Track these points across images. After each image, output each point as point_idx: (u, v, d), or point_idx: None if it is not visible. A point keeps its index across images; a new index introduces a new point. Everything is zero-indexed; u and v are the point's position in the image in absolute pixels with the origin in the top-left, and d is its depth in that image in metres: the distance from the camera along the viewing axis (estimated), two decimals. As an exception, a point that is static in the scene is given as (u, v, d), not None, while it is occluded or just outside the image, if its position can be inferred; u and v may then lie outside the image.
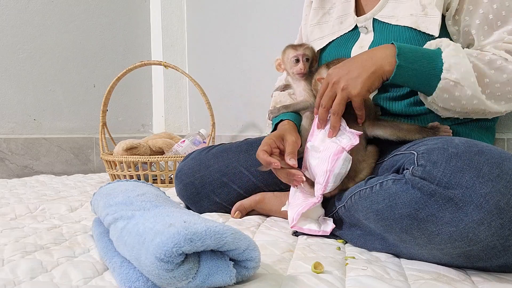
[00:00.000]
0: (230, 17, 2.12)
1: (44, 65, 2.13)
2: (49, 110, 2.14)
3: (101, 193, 0.81)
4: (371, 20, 0.96)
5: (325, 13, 1.08)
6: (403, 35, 0.89)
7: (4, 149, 2.00)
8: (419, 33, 0.87)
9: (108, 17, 2.32)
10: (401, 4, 0.91)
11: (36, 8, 2.11)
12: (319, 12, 1.08)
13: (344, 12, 1.02)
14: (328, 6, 1.08)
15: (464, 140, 0.67)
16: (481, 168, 0.61)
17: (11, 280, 0.61)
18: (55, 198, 1.34)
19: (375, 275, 0.62)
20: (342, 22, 1.02)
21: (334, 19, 1.04)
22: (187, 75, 1.78)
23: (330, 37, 1.03)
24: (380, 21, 0.94)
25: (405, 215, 0.66)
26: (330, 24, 1.05)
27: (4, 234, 0.87)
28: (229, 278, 0.55)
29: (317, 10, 1.09)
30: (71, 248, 0.77)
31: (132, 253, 0.56)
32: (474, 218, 0.59)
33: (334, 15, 1.05)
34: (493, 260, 0.62)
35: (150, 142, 1.81)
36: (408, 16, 0.88)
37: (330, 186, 0.81)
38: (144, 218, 0.60)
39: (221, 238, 0.53)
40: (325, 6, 1.09)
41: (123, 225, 0.63)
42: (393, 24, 0.91)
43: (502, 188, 0.59)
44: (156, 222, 0.57)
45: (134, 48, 2.42)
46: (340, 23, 1.02)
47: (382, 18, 0.94)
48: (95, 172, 2.18)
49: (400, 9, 0.91)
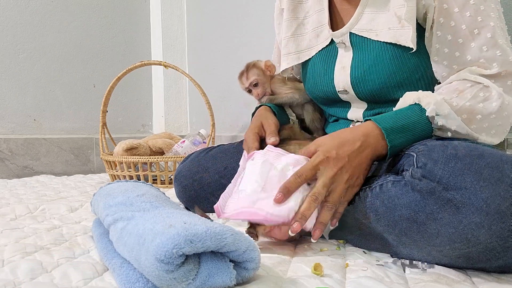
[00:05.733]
0: (230, 17, 2.12)
1: (44, 65, 2.13)
2: (49, 110, 2.14)
3: (101, 194, 0.81)
4: (347, 34, 0.90)
5: (299, 24, 1.01)
6: (385, 53, 0.85)
7: (4, 149, 2.00)
8: (401, 47, 0.83)
9: (108, 17, 2.32)
10: (377, 16, 0.86)
11: (36, 8, 2.11)
12: (293, 24, 1.01)
13: (319, 24, 0.97)
14: (302, 16, 1.01)
15: (464, 143, 0.67)
16: (481, 171, 0.60)
17: (11, 281, 0.61)
18: (55, 199, 1.34)
19: (375, 276, 0.62)
20: (318, 35, 0.97)
21: (309, 31, 0.99)
22: (187, 75, 1.78)
23: (308, 53, 0.99)
24: (358, 35, 0.89)
25: (404, 217, 0.66)
26: (306, 37, 1.00)
27: (4, 234, 0.87)
28: (229, 279, 0.55)
29: (290, 21, 1.02)
30: (71, 249, 0.77)
31: (132, 254, 0.56)
32: (473, 221, 0.59)
33: (309, 27, 0.99)
34: (493, 261, 0.62)
35: (150, 142, 1.81)
36: (387, 30, 0.84)
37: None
38: (144, 219, 0.60)
39: (221, 239, 0.53)
40: (298, 16, 1.02)
41: (122, 226, 0.63)
42: (373, 40, 0.86)
43: (503, 192, 0.59)
44: (156, 223, 0.57)
45: (134, 48, 2.42)
46: (316, 36, 0.97)
47: (359, 32, 0.88)
48: (95, 173, 2.18)
49: (377, 21, 0.86)
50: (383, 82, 0.86)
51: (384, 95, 0.88)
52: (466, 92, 0.76)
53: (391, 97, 0.87)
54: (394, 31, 0.82)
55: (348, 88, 0.92)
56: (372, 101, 0.91)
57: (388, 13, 0.84)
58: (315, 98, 1.04)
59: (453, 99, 0.75)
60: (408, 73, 0.84)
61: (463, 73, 0.79)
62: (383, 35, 0.84)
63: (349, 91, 0.92)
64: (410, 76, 0.84)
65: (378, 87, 0.87)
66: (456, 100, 0.75)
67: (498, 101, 0.75)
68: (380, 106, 0.91)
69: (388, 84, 0.86)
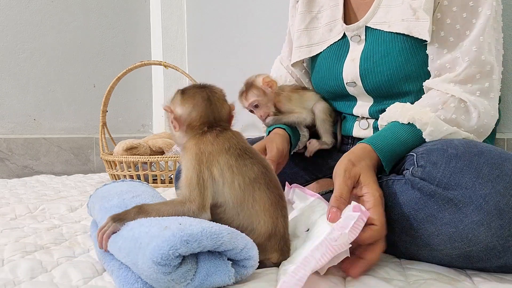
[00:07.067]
0: (230, 17, 2.12)
1: (44, 65, 2.13)
2: (49, 110, 2.14)
3: (96, 196, 0.81)
4: (363, 28, 0.90)
5: (313, 18, 1.01)
6: (395, 44, 0.85)
7: (4, 149, 2.00)
8: (411, 39, 0.83)
9: (108, 17, 2.32)
10: (392, 8, 0.86)
11: (36, 8, 2.11)
12: (307, 17, 1.02)
13: (333, 18, 0.97)
14: (316, 10, 1.02)
15: (464, 141, 0.67)
16: (481, 169, 0.61)
17: (11, 280, 0.61)
18: (55, 198, 1.34)
19: (376, 274, 0.62)
20: (331, 29, 0.97)
21: (323, 25, 0.99)
22: (187, 75, 1.78)
23: (320, 47, 0.99)
24: (372, 29, 0.89)
25: (404, 216, 0.66)
26: (319, 31, 1.00)
27: (4, 234, 0.87)
28: (228, 277, 0.55)
29: (304, 14, 1.02)
30: (71, 248, 0.77)
31: (129, 258, 0.56)
32: (473, 219, 0.59)
33: (322, 21, 0.99)
34: (493, 260, 0.62)
35: (150, 142, 1.81)
36: (400, 21, 0.84)
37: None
38: (138, 222, 0.59)
39: (218, 239, 0.53)
40: (312, 10, 1.02)
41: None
42: (385, 31, 0.86)
43: (502, 189, 0.59)
44: (151, 226, 0.56)
45: (134, 48, 2.42)
46: (329, 31, 0.97)
47: (374, 25, 0.88)
48: (95, 172, 2.18)
49: (392, 13, 0.86)
50: (391, 73, 0.86)
51: (391, 88, 0.88)
52: (450, 103, 0.76)
53: (397, 90, 0.88)
54: (408, 22, 0.82)
55: (357, 79, 0.91)
56: (379, 95, 0.91)
57: (402, 6, 0.84)
58: (321, 92, 1.04)
59: (439, 111, 0.75)
60: (416, 66, 0.84)
61: (440, 84, 0.78)
62: (396, 26, 0.85)
63: (357, 83, 0.92)
64: (418, 70, 0.84)
65: (386, 78, 0.87)
66: (442, 112, 0.75)
67: (476, 112, 0.75)
68: (386, 102, 0.90)
69: (396, 76, 0.86)
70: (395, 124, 0.77)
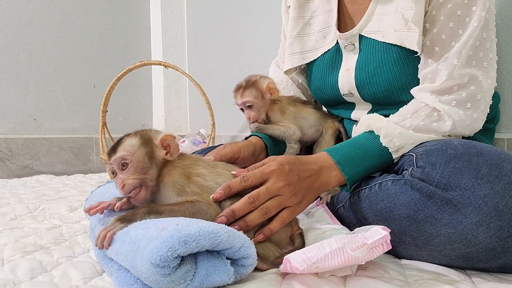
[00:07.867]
0: (230, 17, 2.12)
1: (44, 65, 2.13)
2: (49, 110, 2.14)
3: (92, 199, 0.81)
4: (357, 36, 0.89)
5: (305, 24, 0.99)
6: (390, 55, 0.84)
7: (4, 149, 2.00)
8: (405, 50, 0.81)
9: (108, 17, 2.32)
10: (386, 17, 0.85)
11: (36, 8, 2.11)
12: (299, 23, 1.00)
13: (326, 25, 0.95)
14: (308, 15, 0.99)
15: (463, 141, 0.67)
16: (480, 170, 0.61)
17: (11, 280, 0.61)
18: (55, 198, 1.34)
19: (376, 275, 0.62)
20: (325, 36, 0.95)
21: (316, 32, 0.97)
22: (187, 75, 1.78)
23: (313, 54, 0.97)
24: (366, 37, 0.88)
25: (404, 216, 0.66)
26: (312, 37, 0.98)
27: (4, 234, 0.87)
28: (227, 276, 0.55)
29: (296, 20, 1.00)
30: (71, 248, 0.77)
31: (127, 261, 0.56)
32: (472, 220, 0.59)
33: (315, 27, 0.97)
34: (492, 261, 0.62)
35: (150, 142, 1.81)
36: (393, 31, 0.82)
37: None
38: (135, 225, 0.59)
39: (215, 238, 0.53)
40: (304, 15, 1.00)
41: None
42: (379, 41, 0.85)
43: (501, 190, 0.59)
44: (148, 228, 0.56)
45: (134, 48, 2.42)
46: (323, 37, 0.95)
47: (368, 34, 0.87)
48: (95, 172, 2.18)
49: (385, 23, 0.84)
50: (388, 84, 0.85)
51: (389, 97, 0.87)
52: (421, 111, 0.76)
53: (396, 99, 0.87)
54: (400, 33, 0.81)
55: (353, 90, 0.91)
56: (377, 103, 0.91)
57: (395, 15, 0.83)
58: (319, 100, 1.04)
59: (407, 120, 0.75)
60: (413, 76, 0.83)
61: (418, 93, 0.78)
62: (389, 36, 0.83)
63: (354, 94, 0.91)
64: (414, 79, 0.83)
65: (382, 89, 0.86)
66: (410, 120, 0.75)
67: (450, 121, 0.74)
68: (385, 108, 0.89)
69: (393, 86, 0.85)
70: (357, 136, 0.79)
